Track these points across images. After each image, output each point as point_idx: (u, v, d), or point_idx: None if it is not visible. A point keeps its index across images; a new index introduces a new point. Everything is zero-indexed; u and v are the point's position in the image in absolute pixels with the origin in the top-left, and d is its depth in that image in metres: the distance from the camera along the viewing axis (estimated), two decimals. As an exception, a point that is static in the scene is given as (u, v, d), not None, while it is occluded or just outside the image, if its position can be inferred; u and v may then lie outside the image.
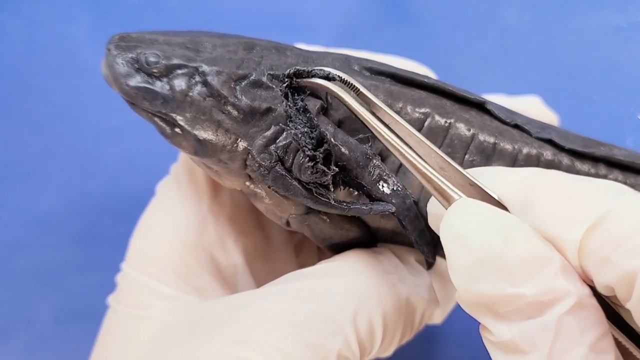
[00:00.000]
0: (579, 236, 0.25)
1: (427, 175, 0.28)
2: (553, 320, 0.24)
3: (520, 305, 0.24)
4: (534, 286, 0.24)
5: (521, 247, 0.25)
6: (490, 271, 0.25)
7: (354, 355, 0.32)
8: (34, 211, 0.52)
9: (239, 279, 0.39)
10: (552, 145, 0.34)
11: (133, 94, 0.33)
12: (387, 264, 0.34)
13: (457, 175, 0.28)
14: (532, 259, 0.24)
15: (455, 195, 0.27)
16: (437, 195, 0.28)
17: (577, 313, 0.24)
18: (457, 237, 0.26)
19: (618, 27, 0.55)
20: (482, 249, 0.25)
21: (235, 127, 0.33)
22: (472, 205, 0.26)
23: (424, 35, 0.56)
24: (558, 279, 0.24)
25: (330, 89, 0.29)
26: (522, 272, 0.24)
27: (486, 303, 0.25)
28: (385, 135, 0.28)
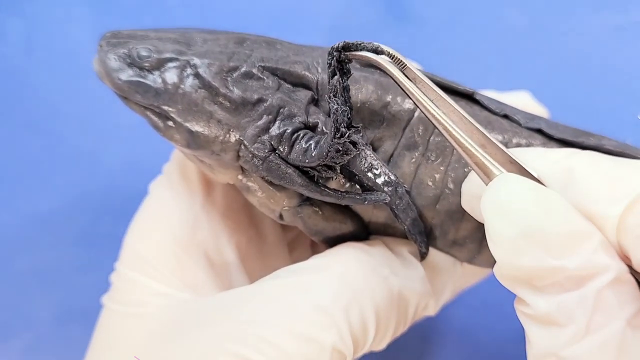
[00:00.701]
0: (618, 212, 0.25)
1: (469, 150, 0.28)
2: (592, 294, 0.24)
3: (560, 278, 0.24)
4: (575, 259, 0.24)
5: (563, 222, 0.25)
6: (533, 244, 0.25)
7: (348, 349, 0.32)
8: (34, 211, 0.52)
9: (232, 276, 0.39)
10: (542, 135, 0.34)
11: (125, 87, 0.33)
12: (380, 256, 0.34)
13: (498, 153, 0.28)
14: (573, 233, 0.25)
15: (496, 171, 0.27)
16: (477, 170, 0.28)
17: (616, 287, 0.24)
18: (500, 210, 0.26)
19: (618, 27, 0.55)
20: (526, 222, 0.25)
21: (228, 117, 0.33)
22: (515, 180, 0.26)
23: (422, 35, 0.57)
24: (598, 253, 0.25)
25: (379, 62, 0.29)
26: (564, 245, 0.25)
27: (526, 276, 0.25)
28: (430, 109, 0.29)
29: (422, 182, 0.34)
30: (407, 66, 0.29)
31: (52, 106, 0.54)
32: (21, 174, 0.53)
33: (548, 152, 0.29)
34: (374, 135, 0.34)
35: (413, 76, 0.29)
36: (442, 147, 0.33)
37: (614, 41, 0.55)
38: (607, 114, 0.53)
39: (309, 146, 0.31)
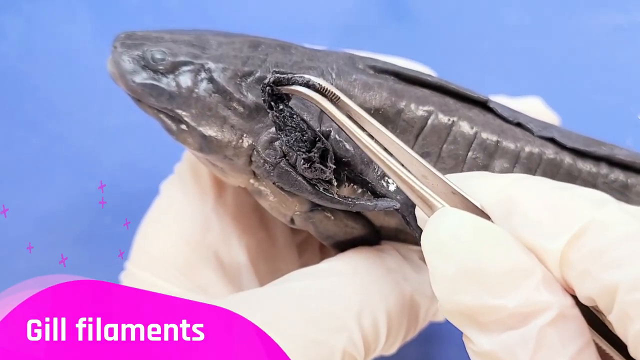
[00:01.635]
0: (560, 247, 0.24)
1: (409, 183, 0.28)
2: (534, 332, 0.24)
3: (502, 316, 0.24)
4: (515, 298, 0.24)
5: (503, 258, 0.24)
6: (472, 282, 0.24)
7: (359, 353, 0.32)
8: (34, 211, 0.51)
9: (242, 278, 0.39)
10: (554, 144, 0.34)
11: (139, 90, 0.33)
12: (391, 261, 0.34)
13: (440, 183, 0.28)
14: (513, 271, 0.24)
15: (437, 204, 0.27)
16: (420, 204, 0.28)
17: (559, 325, 0.24)
18: (438, 247, 0.25)
19: (619, 27, 0.56)
20: (464, 260, 0.25)
21: (241, 123, 0.33)
22: (454, 215, 0.26)
23: (424, 35, 0.57)
24: (540, 291, 0.24)
25: (311, 96, 0.28)
26: (504, 283, 0.24)
27: (467, 313, 0.25)
28: (366, 143, 0.28)
29: None
30: (341, 99, 0.29)
31: (52, 106, 0.54)
32: (20, 174, 0.52)
33: (492, 179, 0.28)
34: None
35: (347, 109, 0.29)
36: (455, 155, 0.34)
37: (614, 41, 0.55)
38: (607, 113, 0.53)
39: (300, 163, 0.31)
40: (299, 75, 0.28)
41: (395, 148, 0.28)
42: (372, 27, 0.57)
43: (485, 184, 0.28)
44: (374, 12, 0.58)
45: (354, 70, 0.34)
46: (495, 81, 0.54)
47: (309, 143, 0.30)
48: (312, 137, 0.30)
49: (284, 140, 0.29)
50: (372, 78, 0.34)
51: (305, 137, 0.29)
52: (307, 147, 0.29)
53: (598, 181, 0.34)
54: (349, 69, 0.34)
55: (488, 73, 0.54)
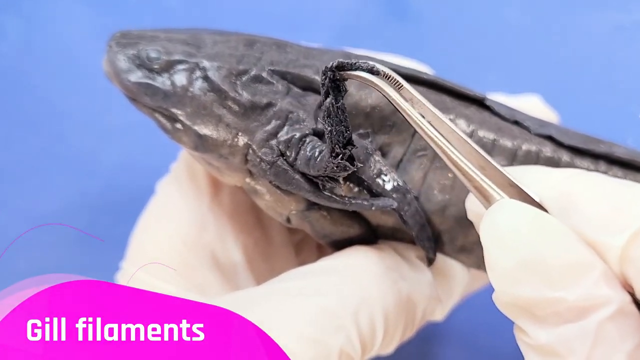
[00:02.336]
0: (621, 242, 0.24)
1: (468, 173, 0.27)
2: (593, 326, 0.24)
3: (560, 309, 0.24)
4: (575, 291, 0.24)
5: (563, 251, 0.24)
6: (532, 274, 0.24)
7: (356, 352, 0.32)
8: (33, 211, 0.52)
9: (239, 277, 0.39)
10: (552, 142, 0.34)
11: (134, 89, 0.33)
12: (388, 260, 0.34)
13: (498, 175, 0.28)
14: (574, 264, 0.24)
15: (496, 195, 0.27)
16: (477, 194, 0.27)
17: (618, 320, 0.24)
18: (498, 238, 0.25)
19: (619, 26, 0.55)
20: (524, 252, 0.24)
21: (236, 121, 0.33)
22: (515, 206, 0.26)
23: (424, 34, 0.57)
24: (600, 286, 0.24)
25: (375, 82, 0.28)
26: (564, 276, 0.24)
27: (525, 305, 0.25)
28: (427, 131, 0.28)
29: (430, 188, 0.34)
30: (404, 87, 0.28)
31: (51, 106, 0.54)
32: (20, 174, 0.52)
33: (549, 173, 0.28)
34: (383, 140, 0.33)
35: (409, 97, 0.28)
36: None
37: (615, 40, 0.55)
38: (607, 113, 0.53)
39: (312, 155, 0.31)
40: (363, 62, 0.28)
41: (455, 138, 0.28)
42: (370, 25, 0.57)
43: (542, 178, 0.28)
44: (372, 10, 0.58)
45: None
46: (495, 80, 0.54)
47: (346, 139, 0.29)
48: (349, 135, 0.29)
49: (327, 130, 0.28)
50: None
51: (346, 133, 0.29)
52: (343, 143, 0.29)
53: None
54: None
55: (488, 72, 0.54)
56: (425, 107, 0.28)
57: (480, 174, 0.27)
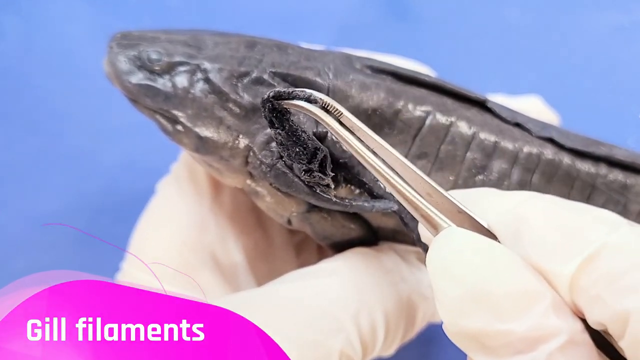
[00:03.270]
0: (571, 271, 0.24)
1: (414, 202, 0.27)
2: (543, 357, 0.23)
3: (510, 341, 0.23)
4: (524, 322, 0.23)
5: (511, 282, 0.24)
6: (478, 306, 0.24)
7: (357, 354, 0.32)
8: (33, 211, 0.51)
9: (240, 278, 0.39)
10: (553, 144, 0.34)
11: (135, 91, 0.33)
12: (389, 262, 0.34)
13: (445, 202, 0.27)
14: (522, 295, 0.23)
15: (443, 224, 0.26)
16: (424, 223, 0.27)
17: (568, 350, 0.23)
18: (444, 269, 0.25)
19: (620, 27, 0.55)
20: (470, 283, 0.24)
21: (237, 124, 0.33)
22: (460, 235, 0.25)
23: (424, 35, 0.57)
24: (549, 316, 0.23)
25: (312, 111, 0.28)
26: (512, 308, 0.23)
27: (474, 337, 0.24)
28: (369, 160, 0.27)
29: None
30: (344, 114, 0.28)
31: (51, 106, 0.53)
32: (20, 174, 0.52)
33: (500, 198, 0.27)
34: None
35: (350, 124, 0.28)
36: (452, 155, 0.33)
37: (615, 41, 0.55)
38: (608, 113, 0.53)
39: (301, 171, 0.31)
40: (300, 90, 0.28)
41: (400, 165, 0.28)
42: (371, 25, 0.57)
43: (492, 203, 0.27)
44: (373, 11, 0.57)
45: (351, 70, 0.34)
46: (496, 80, 0.54)
47: (309, 154, 0.29)
48: (312, 148, 0.29)
49: (285, 155, 0.29)
50: (369, 78, 0.34)
51: (306, 151, 0.29)
52: (308, 158, 0.29)
53: (597, 181, 0.34)
54: (346, 68, 0.34)
55: (488, 72, 0.54)
56: (367, 134, 0.28)
57: (425, 202, 0.27)
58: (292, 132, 0.29)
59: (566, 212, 0.25)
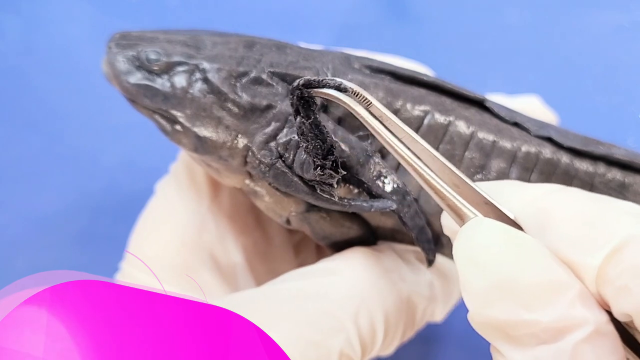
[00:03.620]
0: (598, 262, 0.24)
1: (441, 192, 0.27)
2: (568, 348, 0.23)
3: (535, 331, 0.23)
4: (550, 312, 0.23)
5: (538, 272, 0.24)
6: (506, 296, 0.24)
7: (356, 354, 0.32)
8: (33, 211, 0.51)
9: (239, 278, 0.39)
10: (551, 143, 0.34)
11: (134, 91, 0.33)
12: (388, 262, 0.34)
13: (472, 193, 0.27)
14: (549, 285, 0.24)
15: (470, 214, 0.26)
16: (450, 213, 0.27)
17: (594, 341, 0.23)
18: (471, 258, 0.25)
19: (619, 27, 0.55)
20: (498, 273, 0.24)
21: (236, 123, 0.33)
22: (488, 225, 0.25)
23: (423, 35, 0.57)
24: (575, 307, 0.23)
25: (343, 100, 0.27)
26: (539, 297, 0.23)
27: (499, 326, 0.24)
28: (398, 149, 0.27)
29: None
30: (373, 104, 0.28)
31: (51, 106, 0.54)
32: (20, 174, 0.52)
33: (525, 190, 0.27)
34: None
35: (379, 114, 0.28)
36: (451, 155, 0.33)
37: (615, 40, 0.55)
38: (608, 113, 0.53)
39: (306, 159, 0.31)
40: (330, 79, 0.27)
41: (427, 155, 0.28)
42: (370, 25, 0.57)
43: (518, 194, 0.27)
44: (373, 10, 0.57)
45: (349, 70, 0.34)
46: (495, 80, 0.54)
47: (326, 150, 0.29)
48: (329, 144, 0.29)
49: (303, 146, 0.29)
50: (368, 78, 0.34)
51: (324, 147, 0.29)
52: (323, 154, 0.29)
53: (595, 180, 0.34)
54: (344, 68, 0.34)
55: (488, 72, 0.54)
56: (396, 124, 0.28)
57: (453, 192, 0.27)
58: (315, 124, 0.28)
59: (592, 204, 0.26)
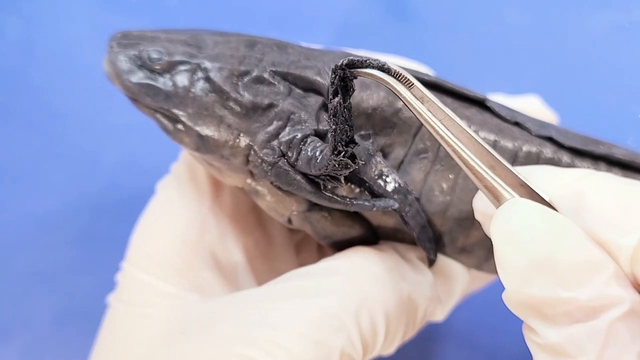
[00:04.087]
0: (633, 243, 0.24)
1: (479, 172, 0.27)
2: (604, 326, 0.23)
3: (571, 309, 0.24)
4: (587, 291, 0.24)
5: (575, 251, 0.24)
6: (544, 273, 0.24)
7: (357, 353, 0.32)
8: (33, 211, 0.52)
9: (240, 278, 0.39)
10: (552, 143, 0.34)
11: (135, 90, 0.33)
12: (389, 261, 0.34)
13: (508, 175, 0.27)
14: (585, 264, 0.24)
15: (507, 195, 0.27)
16: (487, 194, 0.27)
17: (629, 320, 0.24)
18: (510, 237, 0.25)
19: (620, 27, 0.56)
20: (536, 250, 0.24)
21: (238, 122, 0.33)
22: (527, 205, 0.26)
23: (424, 34, 0.57)
24: (611, 285, 0.24)
25: (385, 80, 0.27)
26: (576, 276, 0.24)
27: (535, 305, 0.24)
28: (439, 130, 0.28)
29: (431, 190, 0.34)
30: (415, 85, 0.28)
31: (51, 106, 0.54)
32: (20, 174, 0.52)
33: (559, 173, 0.28)
34: (384, 141, 0.33)
35: (420, 95, 0.28)
36: None
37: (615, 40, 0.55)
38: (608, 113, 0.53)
39: (313, 155, 0.31)
40: (374, 60, 0.27)
41: (466, 137, 0.28)
42: (370, 25, 0.57)
43: (553, 177, 0.28)
44: (373, 10, 0.58)
45: None
46: (496, 80, 0.54)
47: (351, 137, 0.29)
48: (352, 134, 0.29)
49: (331, 128, 0.28)
50: None
51: (350, 132, 0.29)
52: (347, 140, 0.29)
53: None
54: None
55: (489, 72, 0.54)
56: (436, 105, 0.28)
57: (491, 173, 0.27)
58: (348, 108, 0.28)
59: (626, 187, 0.26)
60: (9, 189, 0.52)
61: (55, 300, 0.51)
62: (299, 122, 0.32)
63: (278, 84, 0.33)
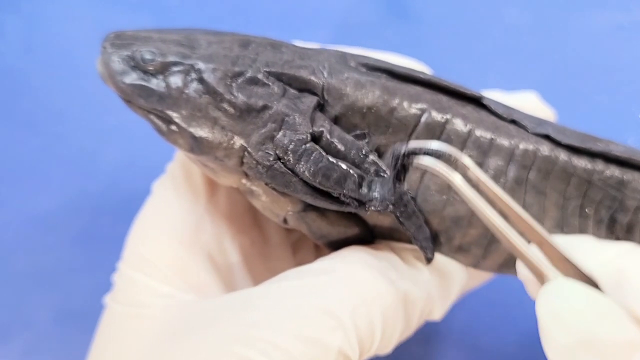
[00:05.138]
0: None
1: (525, 256, 0.29)
2: None
3: None
4: None
5: (618, 331, 0.26)
6: (588, 352, 0.26)
7: (354, 352, 0.32)
8: (33, 211, 0.52)
9: (236, 277, 0.39)
10: (549, 141, 0.34)
11: (129, 91, 0.33)
12: (386, 260, 0.34)
13: (553, 249, 0.29)
14: (627, 343, 0.25)
15: (550, 274, 0.28)
16: (532, 271, 0.29)
17: None
18: (555, 317, 0.27)
19: (619, 26, 0.55)
20: (581, 331, 0.26)
21: (232, 124, 0.32)
22: (570, 287, 0.27)
23: (423, 34, 0.57)
24: None
25: (440, 172, 0.29)
26: (618, 354, 0.25)
27: None
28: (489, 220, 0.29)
29: (427, 189, 0.34)
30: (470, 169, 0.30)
31: (51, 106, 0.54)
32: (20, 174, 0.53)
33: (602, 248, 0.29)
34: (379, 141, 0.33)
35: (473, 177, 0.30)
36: None
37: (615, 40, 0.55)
38: (608, 113, 0.53)
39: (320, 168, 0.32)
40: (429, 147, 0.30)
41: (514, 214, 0.29)
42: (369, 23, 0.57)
43: (596, 252, 0.29)
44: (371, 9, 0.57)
45: (345, 68, 0.34)
46: (495, 80, 0.53)
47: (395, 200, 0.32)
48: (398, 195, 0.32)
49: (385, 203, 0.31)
50: (364, 76, 0.33)
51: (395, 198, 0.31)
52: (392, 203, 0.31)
53: (594, 177, 0.34)
54: (340, 67, 0.34)
55: (487, 71, 0.54)
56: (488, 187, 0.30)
57: (535, 255, 0.28)
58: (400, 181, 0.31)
59: None
60: (9, 189, 0.52)
61: (54, 300, 0.51)
62: (293, 124, 0.32)
63: (272, 85, 0.33)
